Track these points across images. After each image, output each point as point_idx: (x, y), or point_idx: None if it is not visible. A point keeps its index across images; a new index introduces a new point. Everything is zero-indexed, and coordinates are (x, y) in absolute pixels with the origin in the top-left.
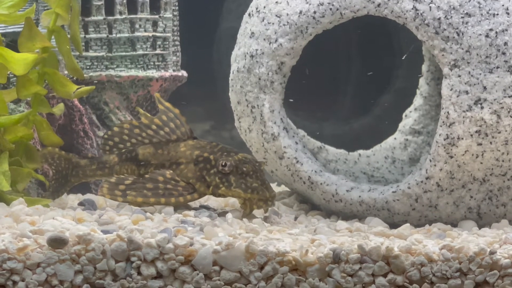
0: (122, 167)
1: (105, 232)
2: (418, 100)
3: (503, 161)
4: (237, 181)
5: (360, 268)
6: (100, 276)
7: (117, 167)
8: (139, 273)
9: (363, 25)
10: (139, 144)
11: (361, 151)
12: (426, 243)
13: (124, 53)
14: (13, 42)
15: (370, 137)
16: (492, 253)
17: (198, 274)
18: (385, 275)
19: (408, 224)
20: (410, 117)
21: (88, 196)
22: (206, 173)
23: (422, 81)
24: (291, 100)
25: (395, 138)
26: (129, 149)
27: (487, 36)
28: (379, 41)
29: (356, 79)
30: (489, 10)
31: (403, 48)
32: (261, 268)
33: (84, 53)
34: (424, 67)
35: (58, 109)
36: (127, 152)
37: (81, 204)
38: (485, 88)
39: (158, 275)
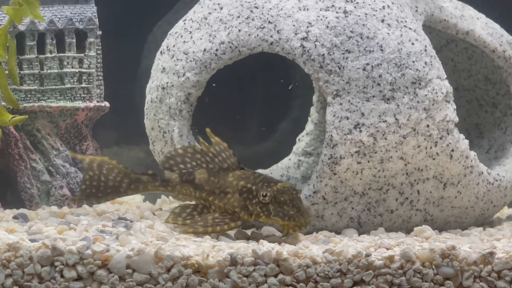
0: (182, 187)
1: (32, 240)
2: (309, 126)
3: (379, 177)
4: (275, 210)
5: (254, 269)
6: (28, 279)
7: (179, 186)
8: (62, 276)
9: (265, 61)
10: (198, 167)
11: (260, 170)
12: (311, 248)
13: (54, 87)
14: None
15: (269, 159)
16: (368, 255)
17: (113, 276)
18: (276, 276)
19: (298, 232)
20: (303, 141)
21: (22, 210)
22: (249, 203)
23: (313, 110)
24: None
25: (289, 159)
26: (189, 171)
27: (364, 69)
28: (278, 75)
29: (259, 109)
30: (366, 47)
31: (298, 81)
32: (168, 270)
33: (19, 87)
34: (314, 98)
35: None
36: (186, 174)
37: (15, 217)
38: (363, 114)
39: (79, 278)
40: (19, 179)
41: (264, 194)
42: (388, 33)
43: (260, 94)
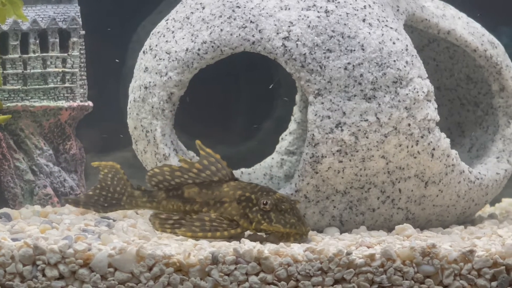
0: (168, 202)
1: (14, 239)
2: (292, 125)
3: (361, 176)
4: (277, 217)
5: (236, 268)
6: (10, 278)
7: (164, 202)
8: (43, 275)
9: (249, 62)
10: (184, 183)
11: (243, 169)
12: (292, 246)
13: (37, 86)
14: None
15: (252, 158)
16: (348, 254)
17: (95, 275)
18: (257, 274)
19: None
20: (286, 140)
21: (5, 209)
22: (249, 211)
23: (296, 109)
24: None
25: (272, 158)
26: (176, 187)
27: (345, 69)
28: (262, 75)
29: (244, 109)
30: (347, 46)
31: (281, 81)
32: (150, 269)
33: (2, 87)
34: (297, 97)
35: None
36: (173, 190)
37: None
38: (344, 113)
39: (61, 277)
40: (2, 178)
41: (265, 202)
42: (369, 33)
43: (243, 93)
